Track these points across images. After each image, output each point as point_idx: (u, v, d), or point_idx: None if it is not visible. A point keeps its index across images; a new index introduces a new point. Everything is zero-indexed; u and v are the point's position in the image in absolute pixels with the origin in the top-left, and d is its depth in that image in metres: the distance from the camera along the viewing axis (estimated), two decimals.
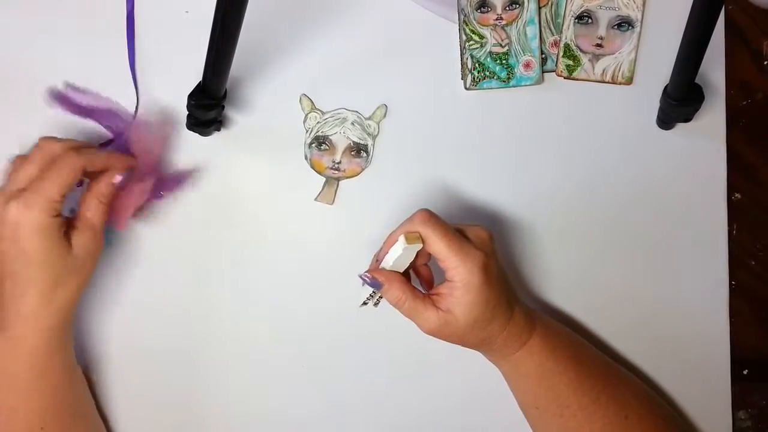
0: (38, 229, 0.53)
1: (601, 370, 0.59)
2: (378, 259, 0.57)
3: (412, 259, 0.55)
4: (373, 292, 0.57)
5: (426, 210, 0.55)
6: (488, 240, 0.56)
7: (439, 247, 0.53)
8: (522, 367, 0.57)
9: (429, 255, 0.56)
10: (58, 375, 0.57)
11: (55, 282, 0.54)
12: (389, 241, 0.55)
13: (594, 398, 0.57)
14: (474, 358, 0.58)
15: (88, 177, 0.57)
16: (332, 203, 0.64)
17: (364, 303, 0.58)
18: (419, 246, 0.53)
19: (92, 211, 0.56)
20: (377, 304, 0.58)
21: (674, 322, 0.64)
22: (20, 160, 0.56)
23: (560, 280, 0.64)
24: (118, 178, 0.57)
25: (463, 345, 0.56)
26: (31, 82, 0.64)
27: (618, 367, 0.61)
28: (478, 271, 0.53)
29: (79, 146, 0.56)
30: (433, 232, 0.53)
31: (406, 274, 0.56)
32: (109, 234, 0.61)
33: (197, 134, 0.63)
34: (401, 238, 0.53)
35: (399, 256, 0.54)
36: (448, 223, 0.55)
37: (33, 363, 0.55)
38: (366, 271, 0.55)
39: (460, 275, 0.53)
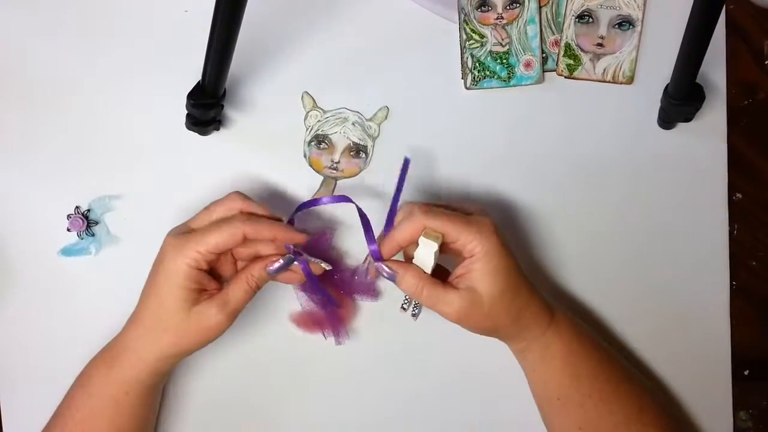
0: (173, 272, 0.53)
1: (618, 362, 0.60)
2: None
3: (433, 259, 0.53)
4: (407, 298, 0.56)
5: (413, 204, 0.54)
6: (485, 210, 0.56)
7: (449, 229, 0.53)
8: (551, 348, 0.56)
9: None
10: (136, 413, 0.56)
11: (164, 329, 0.54)
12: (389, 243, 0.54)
13: (614, 388, 0.57)
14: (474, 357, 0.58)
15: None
16: None
17: (402, 308, 0.57)
18: (436, 243, 0.52)
19: (233, 289, 0.54)
20: (416, 315, 0.57)
21: (675, 323, 0.64)
22: (212, 205, 0.56)
23: (559, 280, 0.64)
24: (275, 266, 0.55)
25: (494, 330, 0.55)
26: (31, 82, 0.64)
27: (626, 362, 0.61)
28: (495, 236, 0.53)
29: (255, 213, 0.55)
30: (435, 219, 0.53)
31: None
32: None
33: (196, 134, 0.63)
34: (422, 238, 0.53)
35: (421, 253, 0.53)
36: (442, 206, 0.55)
37: (124, 394, 0.55)
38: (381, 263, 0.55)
39: (481, 244, 0.52)
